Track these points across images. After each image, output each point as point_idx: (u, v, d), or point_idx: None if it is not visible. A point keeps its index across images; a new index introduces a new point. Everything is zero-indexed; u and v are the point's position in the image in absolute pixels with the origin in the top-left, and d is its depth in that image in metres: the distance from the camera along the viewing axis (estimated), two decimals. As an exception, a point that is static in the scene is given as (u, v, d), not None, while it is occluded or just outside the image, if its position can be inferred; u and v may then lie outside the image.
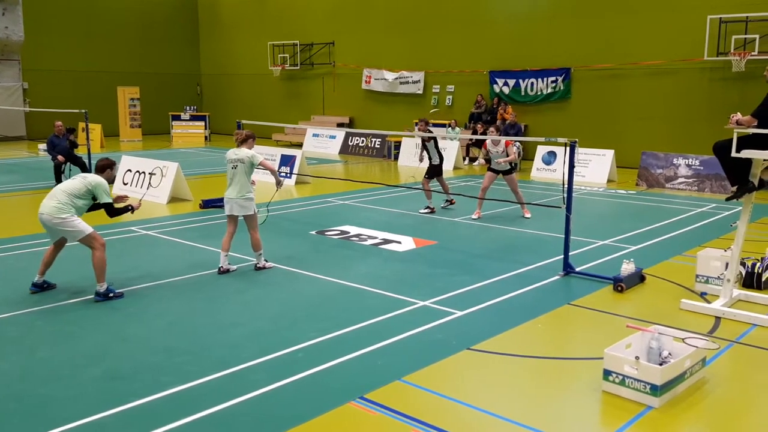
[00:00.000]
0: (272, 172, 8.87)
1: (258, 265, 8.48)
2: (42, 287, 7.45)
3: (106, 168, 7.56)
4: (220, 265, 8.31)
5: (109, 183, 7.50)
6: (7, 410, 4.76)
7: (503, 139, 11.71)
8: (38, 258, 7.90)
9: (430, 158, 12.66)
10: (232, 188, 8.31)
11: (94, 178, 7.35)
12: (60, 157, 15.13)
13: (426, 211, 12.45)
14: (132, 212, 7.75)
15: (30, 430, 4.44)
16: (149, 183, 13.77)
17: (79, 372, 5.39)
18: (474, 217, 11.91)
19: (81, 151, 16.09)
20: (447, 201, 13.04)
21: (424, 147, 12.79)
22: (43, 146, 22.37)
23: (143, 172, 14.20)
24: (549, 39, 20.95)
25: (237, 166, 8.28)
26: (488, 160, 12.06)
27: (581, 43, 20.29)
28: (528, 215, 12.02)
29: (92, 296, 7.22)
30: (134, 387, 5.08)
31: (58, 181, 15.00)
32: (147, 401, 4.86)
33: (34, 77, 27.91)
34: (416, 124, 14.16)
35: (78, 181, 7.32)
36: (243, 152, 8.31)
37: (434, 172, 12.58)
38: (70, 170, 15.39)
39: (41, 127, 26.19)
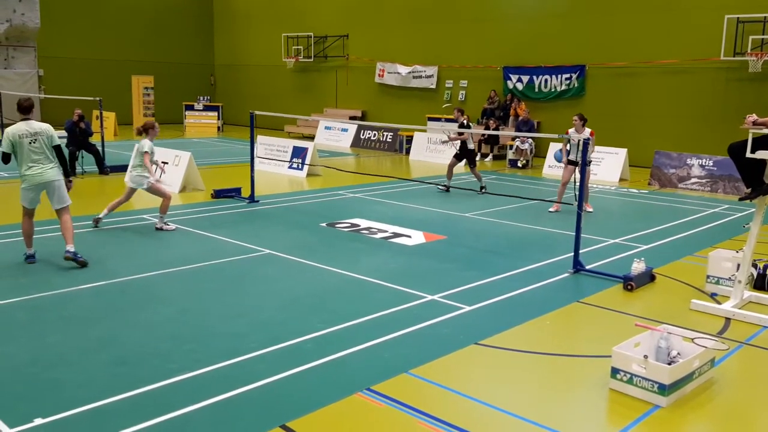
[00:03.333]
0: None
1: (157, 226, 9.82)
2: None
3: (32, 107, 7.91)
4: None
5: None
6: (17, 394, 4.80)
7: (587, 131, 11.67)
8: (49, 243, 7.98)
9: (467, 142, 13.66)
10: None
11: (53, 132, 7.81)
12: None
13: (442, 188, 13.69)
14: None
15: (39, 413, 4.48)
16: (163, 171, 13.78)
17: (89, 357, 5.44)
18: (552, 210, 12.09)
19: (95, 139, 16.15)
20: (481, 187, 13.55)
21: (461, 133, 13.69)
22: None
23: (155, 162, 14.20)
24: (564, 36, 20.83)
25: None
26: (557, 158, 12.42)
27: (596, 40, 20.16)
28: (590, 209, 12.13)
29: (103, 282, 7.29)
30: (142, 373, 5.12)
31: (72, 168, 15.07)
32: (154, 387, 4.89)
33: (50, 64, 28.04)
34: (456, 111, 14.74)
35: (47, 140, 7.75)
36: (145, 142, 9.96)
37: (468, 156, 13.65)
38: (83, 158, 15.48)
39: (56, 114, 26.28)
